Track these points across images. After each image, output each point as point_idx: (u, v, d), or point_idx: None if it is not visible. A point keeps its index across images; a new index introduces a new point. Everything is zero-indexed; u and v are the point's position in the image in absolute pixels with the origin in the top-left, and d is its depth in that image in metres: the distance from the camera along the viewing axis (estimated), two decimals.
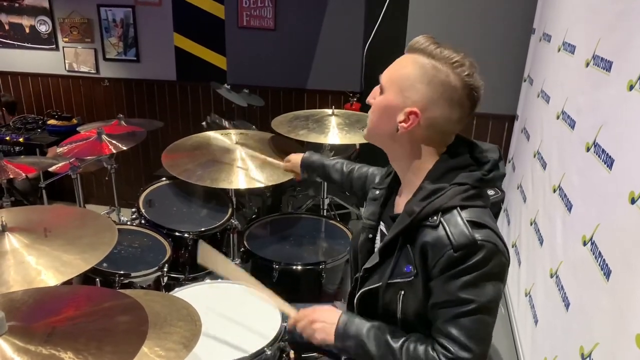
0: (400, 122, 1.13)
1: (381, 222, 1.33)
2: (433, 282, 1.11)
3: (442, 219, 1.09)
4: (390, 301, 1.19)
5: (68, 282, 1.37)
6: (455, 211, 1.09)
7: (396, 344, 1.15)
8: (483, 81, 1.13)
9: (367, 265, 1.25)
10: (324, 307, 1.31)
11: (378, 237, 1.33)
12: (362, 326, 1.20)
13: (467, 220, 1.08)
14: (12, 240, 1.39)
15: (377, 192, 1.35)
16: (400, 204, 1.23)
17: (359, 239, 1.37)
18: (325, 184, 2.74)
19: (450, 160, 1.16)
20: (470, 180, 1.13)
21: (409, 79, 1.12)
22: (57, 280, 1.29)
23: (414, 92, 1.11)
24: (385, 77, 1.18)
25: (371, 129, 1.22)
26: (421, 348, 1.13)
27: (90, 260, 1.38)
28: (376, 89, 1.20)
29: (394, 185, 1.32)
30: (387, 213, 1.30)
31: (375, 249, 1.30)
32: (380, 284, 1.20)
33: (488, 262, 1.07)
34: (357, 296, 1.28)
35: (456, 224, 1.08)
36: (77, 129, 3.30)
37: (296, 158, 1.96)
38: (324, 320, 1.26)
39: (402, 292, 1.16)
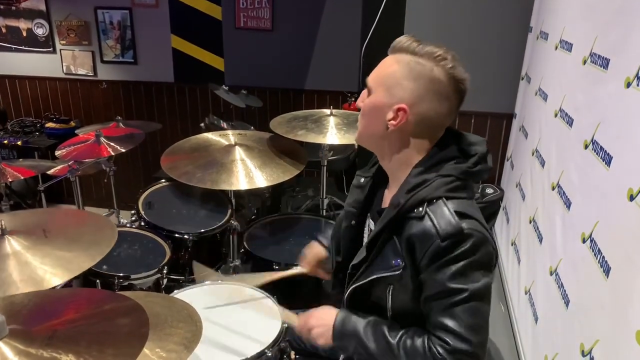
0: (390, 120, 1.14)
1: (369, 217, 1.33)
2: (423, 274, 1.11)
3: (427, 210, 1.10)
4: (380, 297, 1.19)
5: (68, 285, 1.37)
6: (440, 202, 1.10)
7: (394, 340, 1.15)
8: (468, 73, 1.14)
9: (355, 261, 1.26)
10: (320, 310, 1.31)
11: (366, 232, 1.34)
12: (359, 323, 1.21)
13: (454, 211, 1.08)
14: (13, 243, 1.39)
15: (362, 179, 1.36)
16: (387, 198, 1.24)
17: (342, 225, 1.38)
18: (325, 184, 2.74)
19: (437, 154, 1.17)
20: (456, 172, 1.13)
21: (395, 77, 1.13)
22: (66, 277, 1.29)
23: (400, 89, 1.13)
24: (371, 78, 1.19)
25: (362, 131, 1.24)
26: (419, 341, 1.13)
27: (96, 255, 1.38)
28: (364, 92, 1.21)
29: (379, 177, 1.32)
30: (375, 208, 1.31)
31: (364, 244, 1.30)
32: (369, 279, 1.20)
33: (476, 250, 1.07)
34: (346, 294, 1.28)
35: (442, 214, 1.08)
36: (75, 131, 3.30)
37: (315, 253, 1.61)
38: (321, 324, 1.27)
39: (392, 287, 1.17)
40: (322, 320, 1.27)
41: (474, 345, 1.07)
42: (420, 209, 1.10)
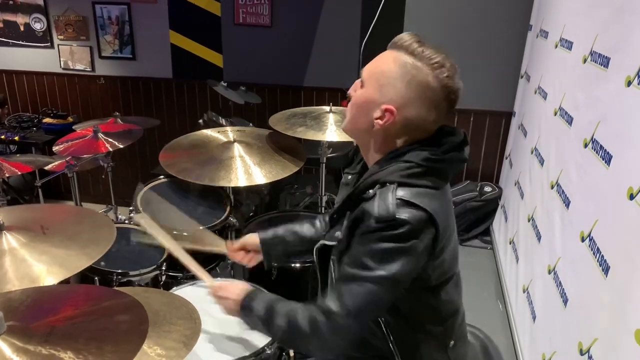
0: (376, 119, 1.14)
1: None
2: (351, 244, 1.13)
3: (377, 192, 1.10)
4: (327, 266, 1.26)
5: (65, 281, 1.36)
6: (391, 186, 1.09)
7: (282, 308, 1.20)
8: (463, 83, 1.13)
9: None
10: (233, 283, 1.36)
11: None
12: (262, 300, 1.24)
13: (398, 198, 1.07)
14: (10, 239, 1.38)
15: (350, 177, 1.37)
16: None
17: None
18: (324, 181, 2.74)
19: (409, 146, 1.17)
20: (416, 159, 1.12)
21: (389, 76, 1.12)
22: (63, 276, 1.28)
23: (392, 89, 1.12)
24: (366, 71, 1.18)
25: (349, 122, 1.24)
26: (304, 309, 1.16)
27: (94, 254, 1.36)
28: (357, 82, 1.20)
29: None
30: None
31: None
32: (318, 246, 1.25)
33: (404, 240, 1.06)
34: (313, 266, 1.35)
35: (385, 198, 1.08)
36: (73, 127, 3.28)
37: (252, 239, 1.61)
38: (229, 296, 1.31)
39: (333, 259, 1.22)
40: (230, 293, 1.31)
41: (346, 317, 1.09)
42: (371, 191, 1.11)
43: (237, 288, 1.33)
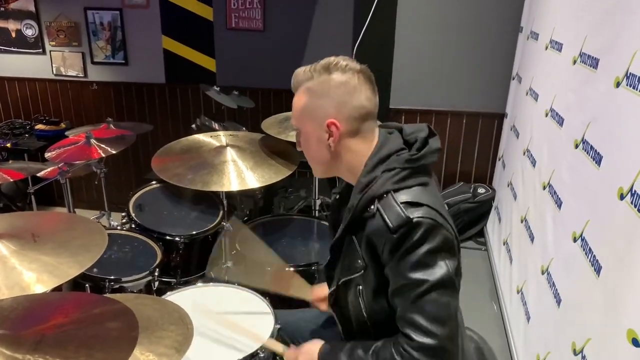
0: (329, 139, 1.21)
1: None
2: (387, 268, 1.14)
3: (378, 206, 1.13)
4: (354, 298, 1.24)
5: (58, 289, 1.35)
6: (389, 195, 1.13)
7: (367, 353, 1.17)
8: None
9: (323, 264, 1.34)
10: (305, 347, 1.33)
11: None
12: (341, 351, 1.23)
13: (401, 202, 1.11)
14: (0, 247, 1.37)
15: (337, 196, 1.41)
16: None
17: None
18: (317, 185, 2.74)
19: (380, 150, 1.21)
20: (399, 163, 1.16)
21: (308, 106, 1.22)
22: (53, 284, 1.27)
23: (319, 111, 1.20)
24: (294, 119, 1.28)
25: (315, 164, 1.30)
26: (388, 346, 1.15)
27: (85, 262, 1.36)
28: (296, 134, 1.30)
29: (348, 191, 1.35)
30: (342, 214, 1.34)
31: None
32: (339, 283, 1.26)
33: (428, 237, 1.08)
34: (330, 301, 1.34)
35: (390, 207, 1.11)
36: (66, 133, 3.27)
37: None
38: (307, 358, 1.30)
39: (360, 288, 1.21)
40: (308, 354, 1.30)
41: (440, 338, 1.07)
42: (372, 207, 1.14)
43: (314, 345, 1.30)
